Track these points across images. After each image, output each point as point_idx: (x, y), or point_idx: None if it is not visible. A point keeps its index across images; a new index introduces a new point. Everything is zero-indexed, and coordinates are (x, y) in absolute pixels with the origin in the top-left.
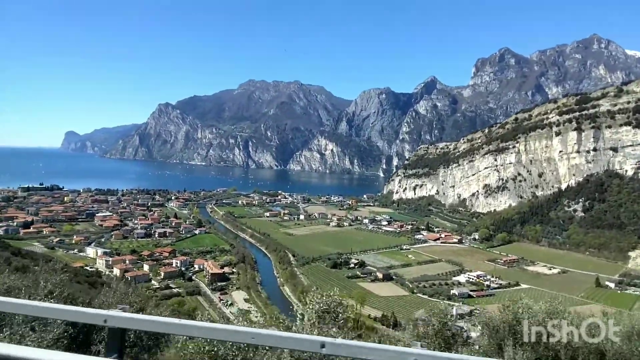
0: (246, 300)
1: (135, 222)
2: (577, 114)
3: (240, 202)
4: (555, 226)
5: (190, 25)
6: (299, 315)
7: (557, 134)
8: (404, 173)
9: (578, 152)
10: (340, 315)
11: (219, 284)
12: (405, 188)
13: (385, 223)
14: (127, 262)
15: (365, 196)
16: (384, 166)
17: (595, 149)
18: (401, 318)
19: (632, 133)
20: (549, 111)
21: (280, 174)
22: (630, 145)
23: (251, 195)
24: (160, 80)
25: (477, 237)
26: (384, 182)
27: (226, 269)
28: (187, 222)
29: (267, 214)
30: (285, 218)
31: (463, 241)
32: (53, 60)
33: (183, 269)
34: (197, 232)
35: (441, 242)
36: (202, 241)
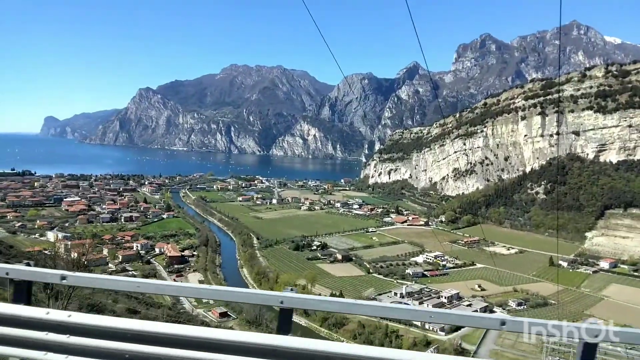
0: (200, 282)
1: (104, 206)
2: (542, 98)
3: (215, 187)
4: (518, 208)
5: (172, 9)
6: None
7: (523, 118)
8: (379, 157)
9: (542, 136)
10: None
11: (176, 266)
12: (381, 172)
13: (356, 206)
14: (86, 245)
15: (342, 181)
16: (366, 151)
17: (558, 133)
18: (348, 296)
19: (594, 117)
20: (515, 96)
21: (262, 159)
22: (592, 129)
23: (227, 180)
24: (141, 65)
25: (443, 219)
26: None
27: (186, 252)
28: (157, 206)
29: (240, 198)
30: (257, 202)
31: (429, 223)
32: (31, 43)
33: (143, 252)
34: (164, 216)
35: (408, 225)
36: (168, 225)
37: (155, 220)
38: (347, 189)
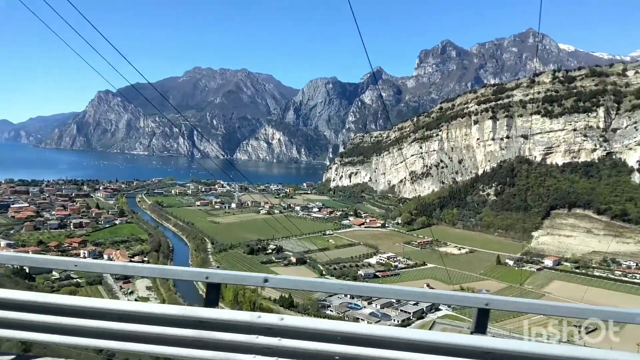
0: (148, 288)
1: (53, 213)
2: (494, 103)
3: (173, 191)
4: (471, 209)
5: (131, 9)
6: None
7: (475, 122)
8: (340, 161)
9: (493, 139)
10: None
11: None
12: (342, 176)
13: (316, 210)
14: (31, 253)
15: (304, 184)
16: (331, 155)
17: (508, 137)
18: (299, 298)
19: (541, 121)
20: (469, 101)
21: (226, 163)
22: (539, 133)
23: (187, 184)
24: (100, 67)
25: (399, 221)
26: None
27: (137, 258)
28: (110, 212)
29: (198, 203)
30: (216, 207)
31: (386, 225)
32: None
33: (90, 259)
34: (117, 222)
35: (365, 227)
36: (120, 231)
37: (107, 226)
38: (309, 192)
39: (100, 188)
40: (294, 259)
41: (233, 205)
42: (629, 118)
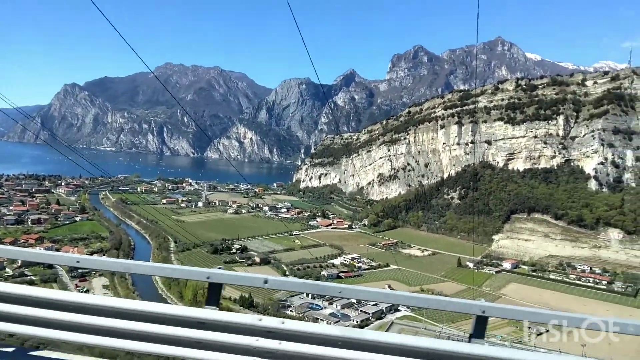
0: (105, 287)
1: (11, 208)
2: (459, 109)
3: (139, 189)
4: (435, 212)
5: (100, 1)
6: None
7: (442, 127)
8: (310, 162)
9: (458, 144)
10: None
11: (80, 270)
12: (312, 177)
13: (284, 210)
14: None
15: (275, 184)
16: (303, 156)
17: (472, 142)
18: (259, 298)
19: (504, 128)
20: (436, 105)
21: (196, 161)
22: (502, 139)
23: (154, 182)
24: (67, 59)
25: (366, 223)
26: None
27: (95, 256)
28: (71, 209)
29: (164, 201)
30: (182, 205)
31: (353, 227)
32: None
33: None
34: (78, 219)
35: (332, 228)
36: (80, 228)
37: (67, 223)
38: (279, 192)
39: (63, 184)
40: (257, 259)
41: (200, 204)
42: (587, 127)
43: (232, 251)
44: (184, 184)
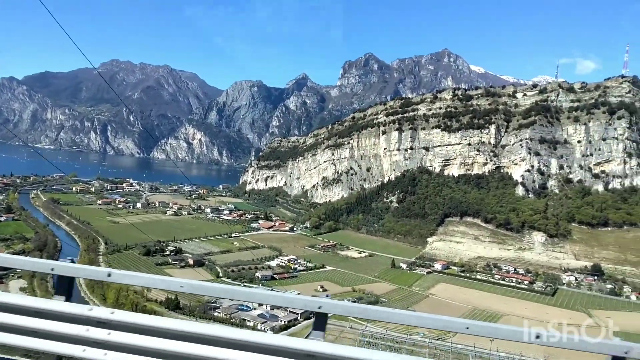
0: (22, 289)
1: None
2: (400, 115)
3: (74, 189)
4: (375, 215)
5: None
6: None
7: (383, 133)
8: (257, 164)
9: (398, 149)
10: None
11: None
12: (258, 179)
13: (226, 212)
14: None
15: (220, 186)
16: (253, 158)
17: (412, 148)
18: (186, 300)
19: (441, 135)
20: (379, 112)
21: (142, 162)
22: (439, 146)
23: (92, 182)
24: (3, 51)
25: (308, 225)
26: None
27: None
28: None
29: (100, 201)
30: (119, 206)
31: (295, 229)
32: None
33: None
34: (2, 219)
35: (274, 230)
36: (4, 229)
37: None
38: (224, 194)
39: None
40: (191, 261)
41: (138, 205)
42: (516, 136)
43: (165, 253)
44: (124, 185)
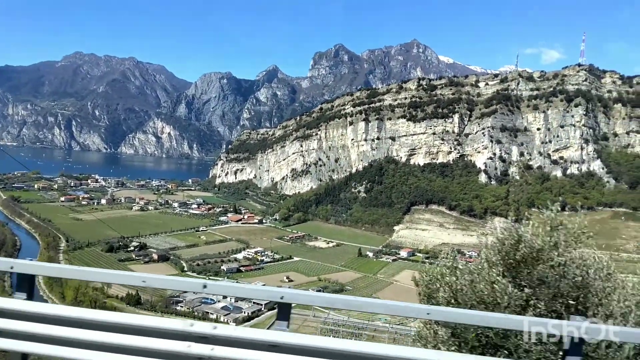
0: None
1: None
2: (367, 106)
3: (36, 186)
4: (343, 206)
5: None
6: None
7: (351, 123)
8: (226, 157)
9: (365, 140)
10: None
11: None
12: (227, 172)
13: (195, 206)
14: None
15: (190, 180)
16: (224, 151)
17: (378, 138)
18: (147, 295)
19: (406, 125)
20: (346, 103)
21: (109, 157)
22: (404, 135)
23: (56, 179)
24: None
25: (277, 217)
26: None
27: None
28: None
29: (63, 198)
30: (83, 203)
31: (264, 221)
32: None
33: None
34: None
35: (242, 223)
36: None
37: None
38: (193, 189)
39: None
40: (155, 256)
41: (103, 201)
42: (479, 125)
43: (129, 249)
44: (89, 181)
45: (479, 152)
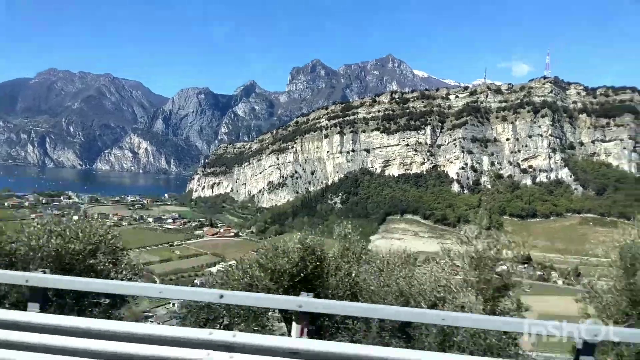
0: None
1: None
2: (341, 119)
3: (6, 204)
4: (319, 217)
5: None
6: None
7: (326, 136)
8: (202, 171)
9: (341, 152)
10: None
11: None
12: (204, 186)
13: (170, 221)
14: None
15: (166, 195)
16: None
17: (353, 150)
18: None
19: (380, 137)
20: (321, 116)
21: (84, 174)
22: (379, 147)
23: (27, 196)
24: None
25: (254, 230)
26: None
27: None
28: None
29: (34, 215)
30: None
31: (240, 234)
32: None
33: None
34: None
35: (218, 237)
36: None
37: None
38: (170, 203)
39: None
40: None
41: (75, 217)
42: (450, 136)
43: None
44: (62, 197)
45: (451, 162)
